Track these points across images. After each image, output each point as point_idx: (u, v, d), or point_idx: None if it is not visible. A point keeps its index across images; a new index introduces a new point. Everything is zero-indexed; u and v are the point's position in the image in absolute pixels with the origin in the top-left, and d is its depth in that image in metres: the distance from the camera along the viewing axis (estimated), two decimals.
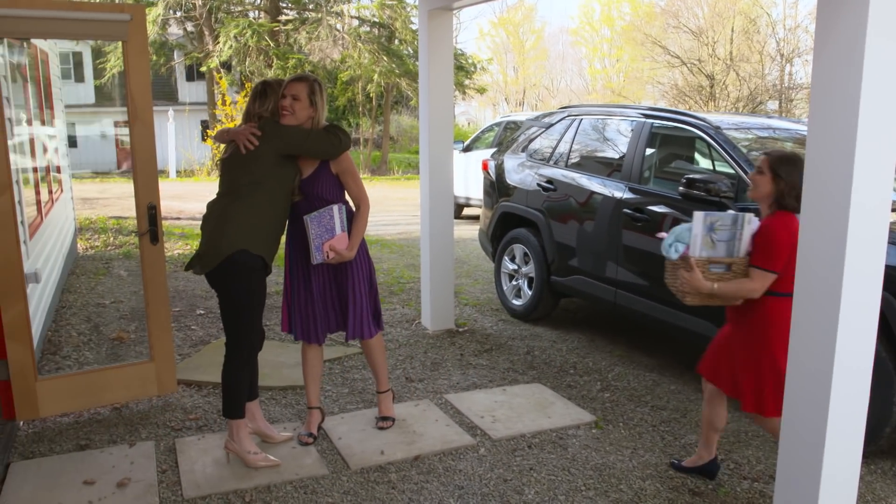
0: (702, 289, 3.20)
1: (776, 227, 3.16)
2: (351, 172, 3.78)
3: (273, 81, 3.72)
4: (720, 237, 3.21)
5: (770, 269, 3.14)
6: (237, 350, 3.60)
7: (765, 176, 3.23)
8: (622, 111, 5.87)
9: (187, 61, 28.34)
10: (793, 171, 3.17)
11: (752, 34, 26.03)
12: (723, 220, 3.20)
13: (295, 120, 3.65)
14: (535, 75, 48.54)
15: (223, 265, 3.47)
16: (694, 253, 3.23)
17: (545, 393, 4.73)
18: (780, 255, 3.13)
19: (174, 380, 4.59)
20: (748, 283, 3.18)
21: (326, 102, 3.82)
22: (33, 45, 6.38)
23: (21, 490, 3.43)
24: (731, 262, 3.24)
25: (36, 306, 4.97)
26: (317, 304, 3.87)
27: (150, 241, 4.36)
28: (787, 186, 3.16)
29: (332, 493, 3.47)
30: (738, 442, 4.08)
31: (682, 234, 3.26)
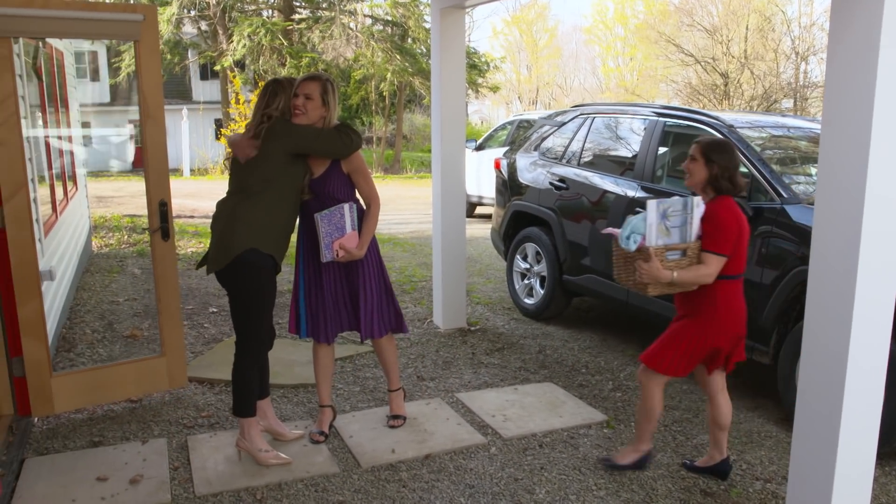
0: (662, 278, 3.22)
1: (722, 211, 3.25)
2: (362, 172, 3.78)
3: (284, 80, 3.71)
4: (673, 223, 3.24)
5: (722, 253, 3.22)
6: (246, 348, 3.61)
7: (698, 162, 3.33)
8: (635, 109, 5.84)
9: (201, 60, 28.46)
10: (724, 155, 3.28)
11: (766, 32, 25.84)
12: (674, 206, 3.24)
13: (307, 119, 3.65)
14: (548, 74, 48.43)
15: (233, 264, 3.48)
16: (650, 242, 3.24)
17: (557, 392, 4.73)
18: (728, 238, 3.22)
19: (185, 374, 4.64)
20: (703, 269, 3.24)
21: (339, 102, 3.82)
22: (48, 45, 6.42)
23: (35, 486, 3.46)
24: (685, 248, 3.28)
25: (51, 304, 5.00)
26: (327, 304, 3.88)
27: (162, 237, 4.39)
28: (721, 170, 3.26)
29: (343, 491, 3.48)
30: (751, 442, 4.06)
31: (637, 225, 3.26)
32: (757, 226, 4.33)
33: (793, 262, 4.10)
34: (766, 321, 4.25)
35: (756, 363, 4.91)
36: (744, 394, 4.74)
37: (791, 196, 4.31)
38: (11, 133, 3.87)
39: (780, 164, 4.77)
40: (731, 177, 3.27)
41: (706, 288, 3.29)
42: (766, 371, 4.99)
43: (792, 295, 4.10)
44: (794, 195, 4.32)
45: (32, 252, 4.02)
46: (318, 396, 4.10)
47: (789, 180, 4.49)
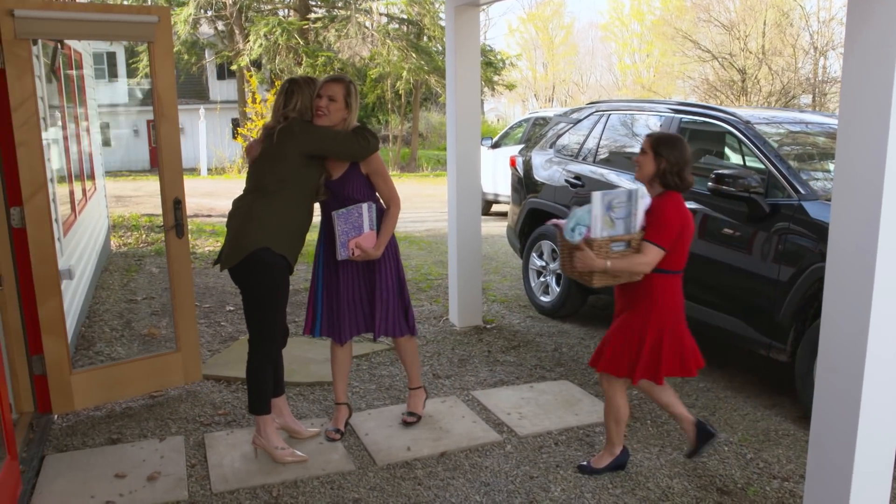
0: (596, 267, 3.23)
1: (667, 206, 3.26)
2: (381, 173, 3.79)
3: (301, 80, 3.70)
4: (618, 215, 3.25)
5: (661, 245, 3.23)
6: (259, 346, 3.63)
7: (647, 156, 3.33)
8: (650, 106, 5.82)
9: (218, 60, 28.63)
10: (673, 150, 3.28)
11: (784, 27, 25.63)
12: (619, 198, 3.24)
13: (329, 121, 3.65)
14: (564, 71, 48.31)
15: (246, 262, 3.50)
16: (595, 234, 3.24)
17: (573, 390, 4.71)
18: (670, 232, 3.23)
19: (199, 370, 4.72)
20: (640, 258, 3.25)
21: (358, 103, 3.83)
22: (67, 46, 6.48)
23: (55, 482, 3.50)
24: (629, 239, 3.28)
25: (70, 303, 5.05)
26: (343, 304, 3.89)
27: (176, 235, 4.46)
28: (669, 164, 3.27)
29: (359, 488, 3.49)
30: (768, 441, 4.03)
31: (582, 217, 3.26)
32: (774, 222, 4.30)
33: (810, 258, 4.07)
34: (784, 319, 4.22)
35: (773, 361, 4.88)
36: (761, 391, 4.71)
37: (809, 192, 4.28)
38: (31, 134, 3.92)
39: (798, 160, 4.73)
40: (679, 172, 3.28)
41: (644, 282, 3.32)
42: (783, 369, 4.96)
43: (809, 292, 4.07)
44: (812, 191, 4.28)
45: (52, 251, 4.06)
46: (334, 394, 4.12)
47: (807, 176, 4.45)
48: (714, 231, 4.70)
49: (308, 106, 3.64)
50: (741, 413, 4.38)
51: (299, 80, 3.71)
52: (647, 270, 3.26)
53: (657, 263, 3.25)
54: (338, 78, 3.71)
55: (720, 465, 3.75)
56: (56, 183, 5.01)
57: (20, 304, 4.07)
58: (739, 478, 3.63)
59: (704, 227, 4.78)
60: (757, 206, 4.40)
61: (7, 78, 3.80)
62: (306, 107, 3.64)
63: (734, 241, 4.55)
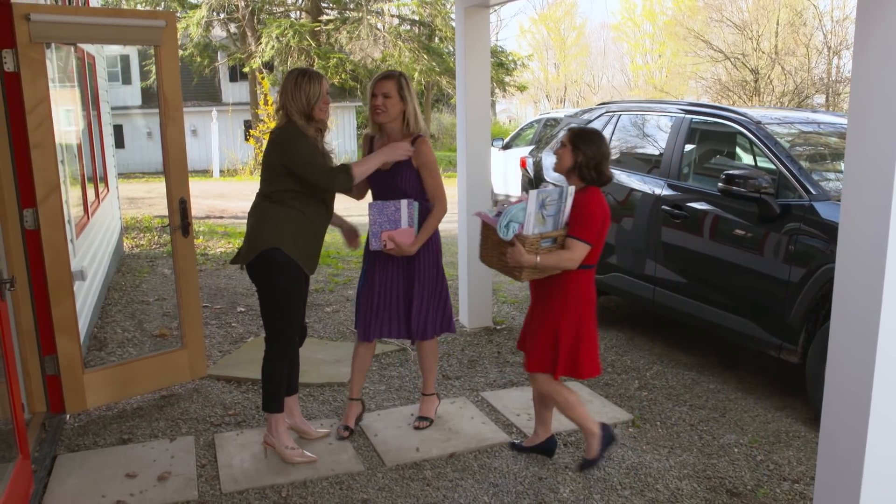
0: (526, 262, 3.26)
1: (591, 202, 3.33)
2: (429, 168, 3.80)
3: (312, 73, 3.57)
4: (549, 212, 3.29)
5: (587, 241, 3.30)
6: (274, 345, 3.65)
7: (566, 148, 3.39)
8: (661, 107, 5.80)
9: (230, 62, 28.73)
10: (591, 144, 3.35)
11: (798, 27, 25.49)
12: (551, 196, 3.27)
13: (388, 117, 3.73)
14: (576, 72, 48.23)
15: (258, 260, 3.53)
16: (528, 231, 3.27)
17: (582, 391, 4.71)
18: (594, 227, 3.31)
19: (205, 366, 4.82)
20: (567, 253, 3.31)
21: (415, 93, 3.86)
22: (80, 49, 6.53)
23: (66, 482, 3.53)
24: (557, 235, 3.35)
25: (82, 303, 5.09)
26: (378, 302, 3.92)
27: (182, 234, 4.55)
28: (586, 159, 3.33)
29: (368, 489, 3.50)
30: (779, 442, 4.01)
31: (517, 215, 3.28)
32: (785, 223, 4.28)
33: (821, 259, 4.05)
34: (795, 320, 4.20)
35: (784, 362, 4.86)
36: (771, 393, 4.69)
37: (820, 193, 4.25)
38: (45, 136, 3.96)
39: (810, 160, 4.71)
40: (596, 166, 3.34)
41: (560, 276, 3.38)
42: (794, 370, 4.94)
43: (821, 293, 4.05)
44: (823, 192, 4.26)
45: (65, 253, 4.10)
46: (349, 390, 4.12)
47: (819, 177, 4.43)
48: (724, 232, 4.68)
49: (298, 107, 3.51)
50: (751, 415, 4.36)
51: (291, 75, 3.57)
52: (573, 266, 3.33)
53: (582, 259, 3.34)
54: (388, 74, 3.78)
55: (730, 466, 3.74)
56: (69, 185, 5.05)
57: (33, 305, 4.10)
58: (749, 480, 3.61)
59: (715, 228, 4.76)
60: (768, 207, 4.38)
61: (22, 81, 3.84)
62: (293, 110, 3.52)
63: (745, 241, 4.53)
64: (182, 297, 4.62)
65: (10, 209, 3.96)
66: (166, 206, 4.59)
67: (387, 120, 3.74)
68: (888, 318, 2.64)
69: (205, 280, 7.75)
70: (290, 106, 3.52)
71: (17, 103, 3.87)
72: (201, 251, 9.47)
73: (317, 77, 3.56)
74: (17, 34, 3.79)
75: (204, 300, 6.91)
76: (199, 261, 8.79)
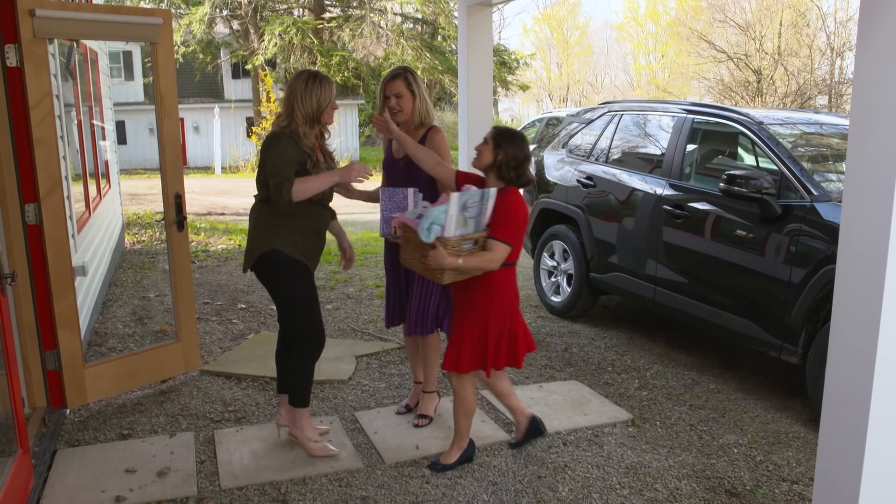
0: (448, 265, 3.26)
1: (511, 203, 3.34)
2: (442, 157, 3.84)
3: (322, 76, 3.56)
4: (470, 214, 3.30)
5: (508, 242, 3.32)
6: (300, 343, 3.67)
7: (487, 146, 3.40)
8: (663, 107, 5.80)
9: (233, 59, 28.74)
10: (512, 145, 3.35)
11: (801, 28, 25.47)
12: (473, 198, 3.28)
13: (404, 115, 3.84)
14: (578, 71, 48.23)
15: (261, 264, 3.55)
16: (449, 233, 3.27)
17: (582, 390, 4.71)
18: (516, 227, 3.34)
19: (198, 359, 4.91)
20: (489, 255, 3.32)
21: (423, 84, 3.95)
22: (83, 45, 6.53)
23: (66, 476, 3.53)
24: (478, 237, 3.35)
25: (83, 299, 5.10)
26: (390, 292, 4.10)
27: (177, 228, 4.60)
28: (506, 157, 3.34)
29: (367, 486, 3.50)
30: (779, 443, 4.01)
31: (438, 217, 3.27)
32: (786, 224, 4.28)
33: (822, 260, 4.05)
34: (795, 321, 4.20)
35: (785, 363, 4.86)
36: (771, 394, 4.69)
37: (821, 194, 4.25)
38: (48, 131, 3.97)
39: (812, 161, 4.71)
40: (516, 167, 3.35)
41: (483, 276, 3.38)
42: (794, 371, 4.94)
43: (821, 294, 4.05)
44: (825, 193, 4.26)
45: (67, 247, 4.11)
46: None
47: (820, 178, 4.43)
48: (726, 232, 4.68)
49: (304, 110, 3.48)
50: (751, 415, 4.36)
51: (300, 77, 3.54)
52: (496, 267, 3.35)
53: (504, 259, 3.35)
54: (394, 74, 3.87)
55: (729, 466, 3.74)
56: (70, 180, 5.05)
57: (34, 300, 4.10)
58: (748, 480, 3.61)
59: (716, 228, 4.76)
60: (769, 208, 4.38)
61: (26, 76, 3.84)
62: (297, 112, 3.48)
63: (746, 242, 4.53)
64: (177, 291, 4.69)
65: (12, 204, 3.96)
66: (175, 204, 4.59)
67: (404, 118, 3.85)
68: (888, 319, 2.64)
69: (206, 276, 7.76)
70: (297, 108, 3.48)
71: (19, 98, 3.87)
72: (203, 248, 9.48)
73: (327, 81, 3.56)
74: (22, 29, 3.80)
75: (205, 297, 6.91)
76: (201, 257, 8.80)
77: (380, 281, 7.51)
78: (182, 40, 25.97)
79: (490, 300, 3.41)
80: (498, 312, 3.42)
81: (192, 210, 13.18)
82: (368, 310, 6.50)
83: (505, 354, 3.50)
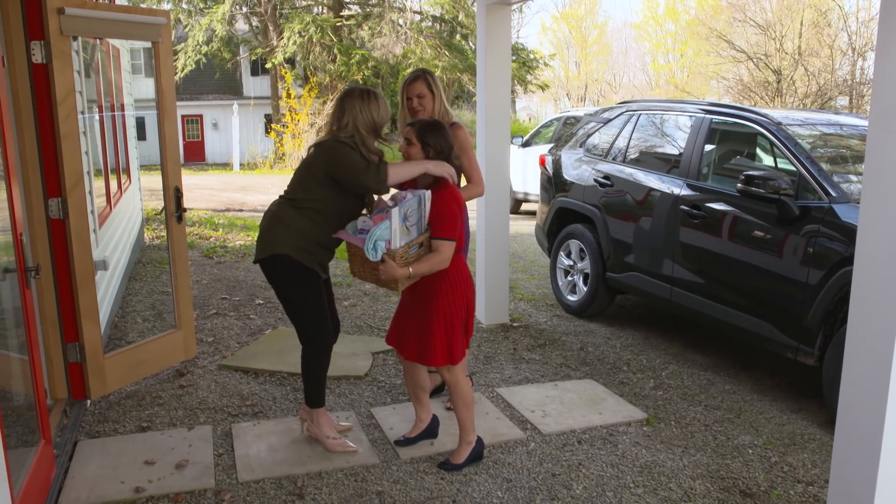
0: (400, 276, 3.31)
1: (445, 198, 3.38)
2: (466, 151, 3.90)
3: (357, 93, 3.60)
4: (411, 222, 3.36)
5: (451, 238, 3.37)
6: (307, 346, 3.71)
7: (415, 146, 3.42)
8: (681, 106, 5.79)
9: (252, 56, 28.88)
10: (437, 137, 3.40)
11: (822, 27, 25.25)
12: (412, 207, 3.33)
13: (426, 114, 3.96)
14: (597, 70, 48.07)
15: (268, 262, 3.59)
16: (395, 245, 3.31)
17: (597, 389, 4.72)
18: (454, 222, 3.38)
19: (195, 346, 5.12)
20: (437, 256, 3.37)
21: (441, 84, 4.06)
22: (105, 42, 6.61)
23: (87, 467, 3.59)
24: (422, 240, 3.42)
25: (104, 293, 5.17)
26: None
27: (177, 220, 4.79)
28: (435, 152, 3.39)
29: (382, 481, 3.53)
30: (794, 445, 4.01)
31: (382, 234, 3.32)
32: (804, 225, 4.27)
33: (840, 262, 4.03)
34: (812, 322, 4.19)
35: (801, 364, 4.85)
36: (787, 395, 4.68)
37: (840, 195, 4.24)
38: (73, 127, 4.03)
39: (831, 162, 4.69)
40: (447, 158, 3.40)
41: None
42: (810, 373, 4.92)
43: (839, 296, 4.04)
44: (844, 194, 4.24)
45: (88, 242, 4.17)
46: None
47: (840, 179, 4.41)
48: (743, 233, 4.67)
49: (365, 123, 3.54)
50: (767, 416, 4.36)
51: (355, 93, 3.60)
52: (446, 266, 3.40)
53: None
54: (415, 76, 4.01)
55: (744, 467, 3.74)
56: (92, 176, 5.12)
57: (56, 293, 4.17)
58: (763, 481, 3.61)
59: (733, 229, 4.75)
60: (787, 209, 4.37)
61: (53, 73, 3.90)
62: (359, 124, 3.54)
63: (763, 243, 4.52)
64: (176, 280, 4.86)
65: (36, 199, 4.02)
66: (187, 199, 4.68)
67: (426, 118, 3.90)
68: None
69: (224, 272, 7.83)
70: (359, 121, 3.53)
71: (44, 94, 3.94)
72: (221, 244, 9.55)
73: (361, 100, 3.58)
74: (49, 27, 3.86)
75: (223, 292, 6.98)
76: (219, 253, 8.87)
77: None
78: (204, 39, 26.11)
79: (447, 289, 3.46)
80: (459, 300, 3.48)
81: (211, 206, 13.27)
82: (385, 307, 6.54)
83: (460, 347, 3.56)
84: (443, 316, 3.47)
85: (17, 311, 3.16)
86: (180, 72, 26.16)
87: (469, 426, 3.67)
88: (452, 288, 3.47)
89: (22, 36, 3.85)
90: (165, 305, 6.43)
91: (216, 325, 5.93)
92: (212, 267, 8.15)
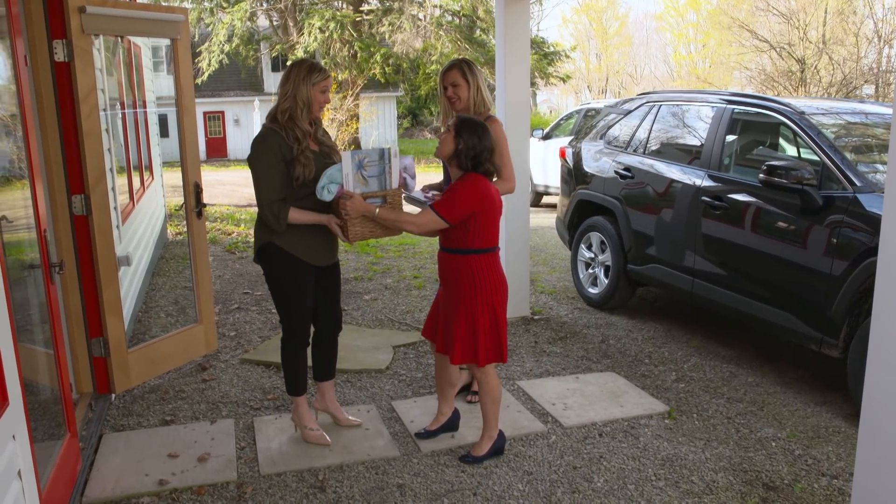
0: (366, 211, 3.37)
1: (464, 185, 3.39)
2: (498, 145, 3.70)
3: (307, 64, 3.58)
4: (370, 173, 3.38)
5: (442, 216, 3.36)
6: (286, 332, 3.75)
7: (449, 135, 3.45)
8: (702, 97, 5.73)
9: (272, 52, 28.97)
10: (472, 136, 3.38)
11: (847, 15, 24.90)
12: (370, 157, 3.36)
13: (462, 103, 3.95)
14: (618, 62, 47.77)
15: (258, 255, 3.65)
16: (348, 188, 3.35)
17: (618, 382, 4.70)
18: (458, 210, 3.35)
19: (216, 339, 5.16)
20: (412, 216, 3.42)
21: (480, 74, 4.00)
22: (126, 39, 6.66)
23: (112, 459, 3.63)
24: (384, 195, 3.46)
25: (127, 288, 5.23)
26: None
27: (196, 216, 4.83)
28: (465, 147, 3.38)
29: (403, 474, 3.54)
30: (818, 438, 3.97)
31: (333, 176, 3.34)
32: (827, 215, 4.22)
33: (865, 252, 3.98)
34: (836, 314, 4.14)
35: (825, 356, 4.80)
36: (812, 388, 4.63)
37: (864, 184, 4.18)
38: (95, 125, 4.08)
39: (856, 151, 4.63)
40: (474, 157, 3.38)
41: (463, 263, 3.45)
42: (835, 365, 4.87)
43: (863, 287, 3.99)
44: (868, 184, 4.18)
45: (111, 238, 4.22)
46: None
47: (865, 168, 4.35)
48: (765, 224, 4.62)
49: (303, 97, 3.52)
50: (790, 409, 4.32)
51: (304, 64, 3.58)
52: (416, 230, 3.42)
53: (433, 230, 3.42)
54: (451, 66, 4.00)
55: (767, 460, 3.71)
56: (115, 172, 5.17)
57: (80, 289, 4.22)
58: (787, 474, 3.58)
59: (756, 220, 4.70)
60: (810, 199, 4.31)
61: (75, 71, 3.95)
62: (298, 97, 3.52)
63: (786, 233, 4.47)
64: (197, 274, 4.92)
65: (60, 195, 4.07)
66: (210, 195, 4.76)
67: (462, 107, 3.95)
68: None
69: (246, 267, 7.88)
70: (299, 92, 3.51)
71: (66, 92, 3.98)
72: (243, 238, 9.62)
73: (327, 75, 3.57)
74: (71, 25, 3.90)
75: (245, 287, 7.03)
76: (241, 248, 8.93)
77: (417, 272, 7.56)
78: (227, 37, 26.23)
79: (472, 286, 3.45)
80: (485, 299, 3.46)
81: (233, 202, 13.35)
82: (406, 300, 6.55)
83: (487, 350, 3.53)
84: (464, 316, 3.47)
85: (42, 306, 3.21)
86: (206, 69, 26.28)
87: (493, 422, 3.67)
88: (477, 291, 3.45)
89: (44, 35, 3.90)
90: (188, 300, 6.48)
91: (238, 320, 5.98)
92: (234, 262, 8.21)
